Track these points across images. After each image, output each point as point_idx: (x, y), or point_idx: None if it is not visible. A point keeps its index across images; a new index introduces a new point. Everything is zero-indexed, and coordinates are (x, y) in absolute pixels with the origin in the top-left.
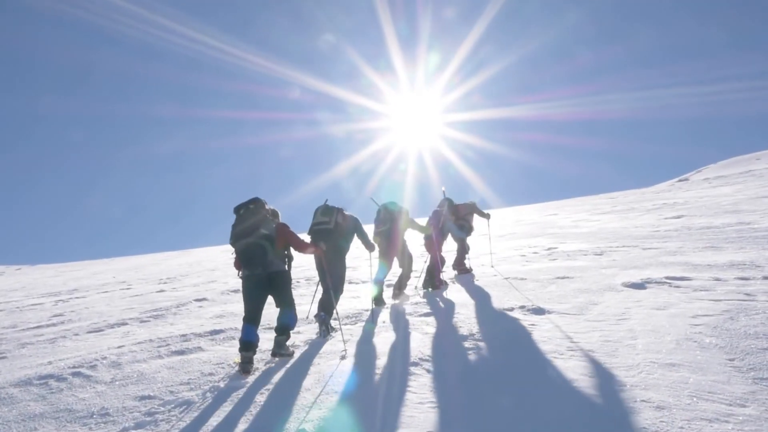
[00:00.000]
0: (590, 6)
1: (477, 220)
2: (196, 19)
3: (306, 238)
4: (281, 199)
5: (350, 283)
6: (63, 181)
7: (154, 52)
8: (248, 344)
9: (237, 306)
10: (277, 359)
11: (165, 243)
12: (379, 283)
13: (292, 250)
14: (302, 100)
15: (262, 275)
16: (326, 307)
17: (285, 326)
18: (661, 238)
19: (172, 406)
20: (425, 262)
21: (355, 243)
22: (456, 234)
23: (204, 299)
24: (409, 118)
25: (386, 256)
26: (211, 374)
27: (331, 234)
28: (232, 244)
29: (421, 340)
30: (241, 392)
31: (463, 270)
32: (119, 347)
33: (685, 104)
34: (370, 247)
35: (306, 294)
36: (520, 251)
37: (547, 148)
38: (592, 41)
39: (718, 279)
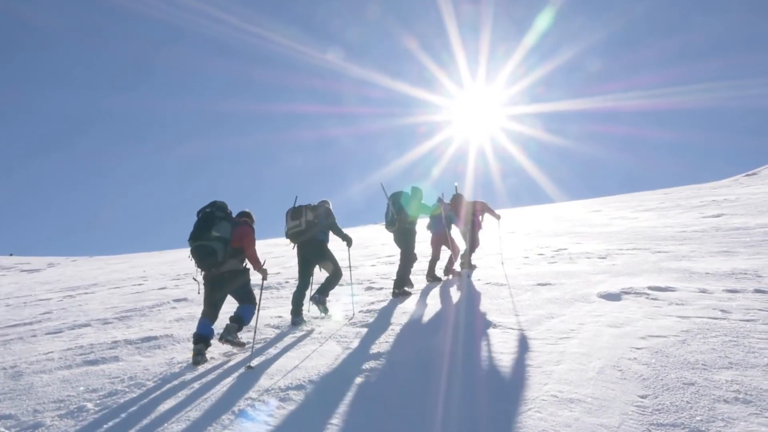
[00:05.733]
0: None
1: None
2: (264, 17)
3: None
4: (347, 190)
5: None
6: (140, 175)
7: (224, 48)
8: (199, 337)
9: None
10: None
11: None
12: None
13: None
14: (365, 94)
15: (216, 275)
16: (322, 289)
17: (239, 316)
18: (681, 240)
19: (20, 429)
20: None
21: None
22: (461, 229)
23: (184, 299)
24: (470, 110)
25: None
26: (94, 391)
27: (306, 233)
28: (189, 244)
29: (336, 357)
30: (101, 414)
31: (453, 272)
32: (47, 353)
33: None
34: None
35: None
36: (528, 252)
37: (616, 141)
38: (671, 26)
39: (704, 291)
